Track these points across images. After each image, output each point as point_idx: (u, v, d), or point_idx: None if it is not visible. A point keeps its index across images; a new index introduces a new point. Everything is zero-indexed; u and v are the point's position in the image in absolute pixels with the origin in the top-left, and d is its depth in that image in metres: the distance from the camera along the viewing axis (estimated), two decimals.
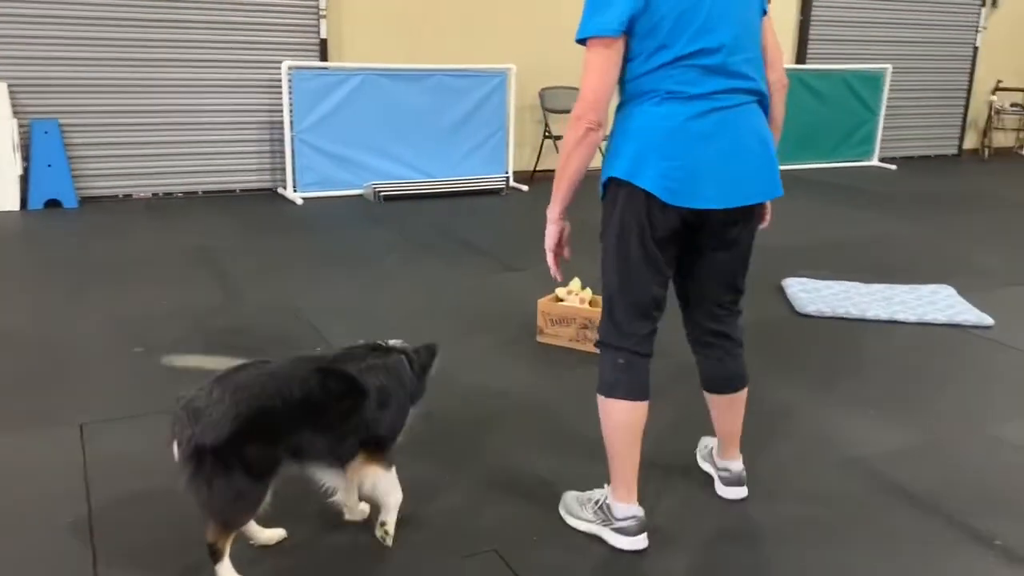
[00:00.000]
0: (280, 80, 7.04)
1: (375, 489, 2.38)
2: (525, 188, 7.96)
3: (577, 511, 2.54)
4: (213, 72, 7.08)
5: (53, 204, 6.64)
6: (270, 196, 7.34)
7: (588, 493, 2.56)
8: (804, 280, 4.97)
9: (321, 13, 7.32)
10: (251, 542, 2.37)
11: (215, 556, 2.19)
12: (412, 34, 7.79)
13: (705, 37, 2.20)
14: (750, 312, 3.78)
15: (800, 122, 9.47)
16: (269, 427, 2.15)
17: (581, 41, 2.22)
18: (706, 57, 2.21)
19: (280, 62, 7.02)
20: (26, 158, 6.57)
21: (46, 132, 6.56)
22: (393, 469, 2.40)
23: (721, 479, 2.74)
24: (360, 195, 7.41)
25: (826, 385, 3.63)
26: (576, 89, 2.31)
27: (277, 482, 2.20)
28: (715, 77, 2.23)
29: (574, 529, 2.52)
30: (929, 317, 4.43)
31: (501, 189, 7.77)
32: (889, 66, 9.82)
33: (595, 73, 2.20)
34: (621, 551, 2.42)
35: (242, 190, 7.44)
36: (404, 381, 2.40)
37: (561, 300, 4.07)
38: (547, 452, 2.98)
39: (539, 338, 4.05)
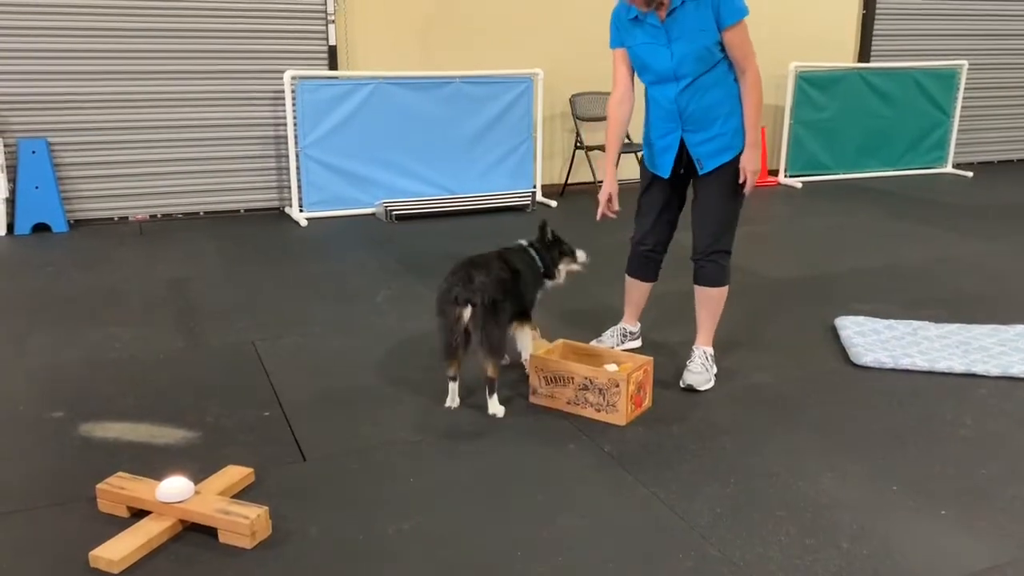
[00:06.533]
0: (283, 91, 6.49)
1: (521, 340, 3.43)
2: (554, 204, 7.27)
3: (709, 375, 3.51)
4: (213, 84, 6.57)
5: (42, 228, 6.21)
6: (276, 217, 6.80)
7: (699, 364, 3.49)
8: (861, 320, 4.19)
9: (329, 18, 6.75)
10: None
11: (493, 387, 3.23)
12: (429, 39, 7.17)
13: None
14: (791, 362, 3.87)
15: (864, 126, 8.64)
16: (505, 290, 3.21)
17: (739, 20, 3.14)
18: None
19: (286, 71, 6.47)
20: (12, 180, 6.14)
21: (34, 152, 6.12)
22: (529, 329, 3.46)
23: (632, 336, 3.88)
24: (371, 214, 6.82)
25: (884, 470, 2.87)
26: (607, 94, 3.69)
27: None
28: None
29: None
30: (1016, 370, 3.62)
31: (527, 205, 7.10)
32: (964, 62, 8.87)
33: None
34: None
35: (247, 210, 6.92)
36: (535, 268, 3.53)
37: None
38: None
39: (531, 399, 3.37)
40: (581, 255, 3.74)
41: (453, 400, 3.32)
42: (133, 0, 6.21)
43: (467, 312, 3.08)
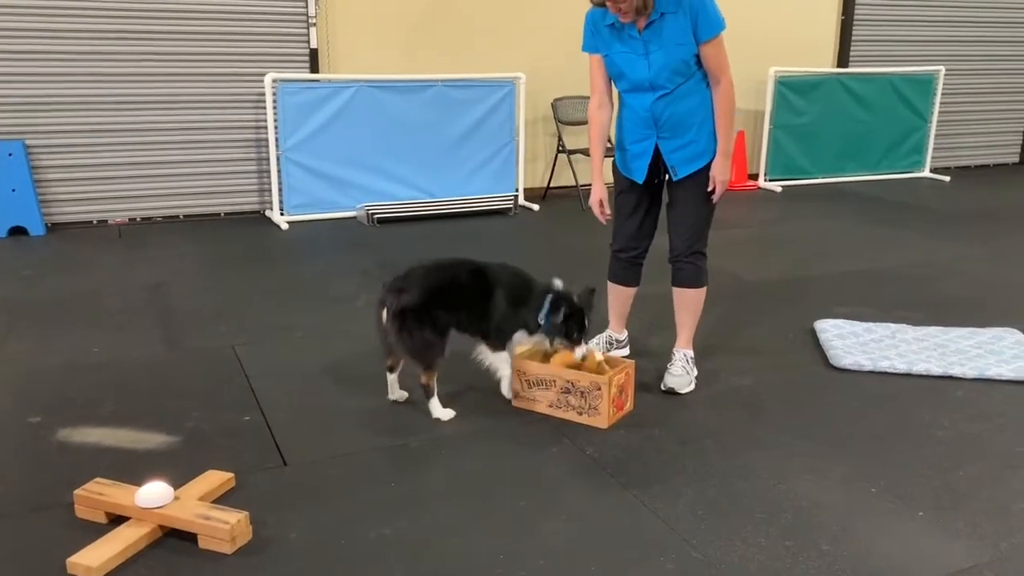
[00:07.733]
0: (264, 94, 6.46)
1: (490, 362, 3.32)
2: (536, 207, 7.28)
3: (690, 377, 3.54)
4: (193, 86, 6.52)
5: (18, 232, 6.14)
6: (257, 220, 6.77)
7: (680, 366, 3.53)
8: (840, 323, 4.22)
9: (311, 21, 6.73)
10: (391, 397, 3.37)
11: (428, 393, 3.23)
12: (411, 42, 7.16)
13: None
14: (771, 365, 3.88)
15: (843, 131, 8.71)
16: (445, 300, 3.13)
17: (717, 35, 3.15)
18: None
19: (267, 74, 6.44)
20: None
21: (10, 154, 6.05)
22: (503, 352, 3.30)
23: (620, 344, 3.89)
24: (353, 218, 6.80)
25: (863, 471, 2.90)
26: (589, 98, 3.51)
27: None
28: None
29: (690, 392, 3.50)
30: (992, 372, 3.66)
31: (510, 208, 7.11)
32: (941, 68, 8.97)
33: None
34: None
35: (227, 213, 6.87)
36: (524, 302, 3.21)
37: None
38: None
39: (514, 402, 3.37)
40: (581, 351, 3.20)
41: (392, 392, 3.38)
42: (112, 2, 6.17)
43: (384, 313, 3.13)
